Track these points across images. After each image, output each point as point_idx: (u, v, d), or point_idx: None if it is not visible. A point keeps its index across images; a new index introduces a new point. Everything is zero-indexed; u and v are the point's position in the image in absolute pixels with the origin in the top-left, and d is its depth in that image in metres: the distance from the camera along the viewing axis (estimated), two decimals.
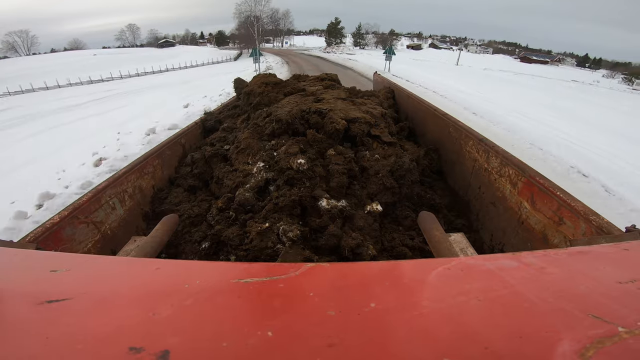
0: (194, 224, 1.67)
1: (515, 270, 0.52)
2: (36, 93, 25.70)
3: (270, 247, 1.29)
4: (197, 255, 1.46)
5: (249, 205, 1.52)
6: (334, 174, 1.58)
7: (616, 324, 0.36)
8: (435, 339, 0.38)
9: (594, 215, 1.05)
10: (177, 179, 2.15)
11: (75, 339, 0.39)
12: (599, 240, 0.96)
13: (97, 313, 0.46)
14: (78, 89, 25.67)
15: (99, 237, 1.42)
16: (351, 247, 1.29)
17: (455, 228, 1.70)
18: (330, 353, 0.35)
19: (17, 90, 26.26)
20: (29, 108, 16.54)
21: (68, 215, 1.26)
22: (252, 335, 0.38)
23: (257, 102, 2.70)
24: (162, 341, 0.37)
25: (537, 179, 1.30)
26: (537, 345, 0.36)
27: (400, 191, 1.67)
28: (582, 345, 0.34)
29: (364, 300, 0.45)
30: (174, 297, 0.49)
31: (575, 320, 0.39)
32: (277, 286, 0.50)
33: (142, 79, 30.66)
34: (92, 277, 0.59)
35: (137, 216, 1.75)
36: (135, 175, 1.79)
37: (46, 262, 0.66)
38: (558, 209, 1.19)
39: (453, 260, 0.57)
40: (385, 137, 1.91)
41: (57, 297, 0.47)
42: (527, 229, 1.36)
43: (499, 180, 1.58)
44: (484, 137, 1.80)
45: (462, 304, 0.43)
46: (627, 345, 0.34)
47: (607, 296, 0.45)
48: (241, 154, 1.98)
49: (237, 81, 3.63)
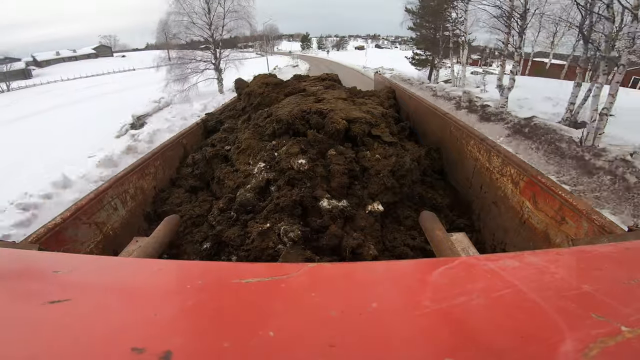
0: (195, 224, 1.67)
1: (517, 270, 0.51)
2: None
3: (271, 248, 1.29)
4: (199, 255, 1.46)
5: (250, 206, 1.52)
6: (335, 174, 1.58)
7: (619, 324, 0.36)
8: (437, 339, 0.38)
9: (596, 215, 1.04)
10: (179, 180, 2.16)
11: (78, 339, 0.39)
12: (601, 239, 0.96)
13: (100, 314, 0.46)
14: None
15: (101, 238, 1.43)
16: (352, 247, 1.29)
17: (457, 228, 1.70)
18: (331, 353, 0.35)
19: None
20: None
21: (70, 216, 1.26)
22: (253, 335, 0.38)
23: (257, 102, 2.70)
24: (164, 342, 0.37)
25: (539, 178, 1.30)
26: (539, 345, 0.36)
27: (402, 191, 1.67)
28: (585, 345, 0.33)
29: (366, 301, 0.45)
30: (175, 297, 0.50)
31: (578, 320, 0.39)
32: (278, 286, 0.50)
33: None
34: (95, 278, 0.60)
35: (138, 217, 1.75)
36: (136, 175, 1.79)
37: (48, 262, 0.66)
38: (560, 208, 1.18)
39: (455, 260, 0.57)
40: (386, 137, 1.91)
41: (59, 297, 0.47)
42: (529, 228, 1.35)
43: (501, 179, 1.57)
44: (486, 137, 1.80)
45: (463, 304, 0.43)
46: (630, 344, 0.34)
47: (609, 295, 0.45)
48: (242, 155, 1.98)
49: (238, 82, 3.64)
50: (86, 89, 27.44)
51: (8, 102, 23.40)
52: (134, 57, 61.04)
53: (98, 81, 35.62)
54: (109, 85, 28.50)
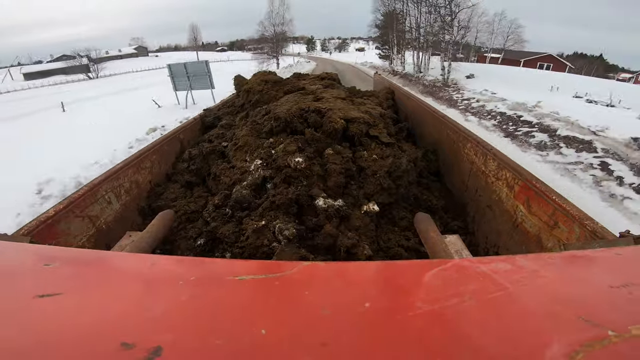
0: (190, 220, 1.67)
1: (509, 273, 0.52)
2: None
3: (266, 245, 1.29)
4: (193, 251, 1.46)
5: (246, 203, 1.52)
6: (332, 174, 1.58)
7: (606, 328, 0.37)
8: (428, 340, 0.38)
9: (589, 220, 1.06)
10: (174, 175, 2.14)
11: (67, 333, 0.39)
12: (592, 244, 0.97)
13: (90, 308, 0.45)
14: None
15: (94, 232, 1.41)
16: (347, 246, 1.30)
17: (451, 230, 1.71)
18: (323, 352, 0.36)
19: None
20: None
21: (63, 208, 1.25)
22: (245, 332, 0.38)
23: (256, 99, 2.69)
24: (154, 337, 0.37)
25: (534, 182, 1.31)
26: (527, 348, 0.36)
27: (397, 192, 1.68)
28: (572, 349, 0.34)
29: (359, 300, 0.45)
30: (168, 293, 0.49)
31: (566, 324, 0.39)
32: (272, 284, 0.50)
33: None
34: (86, 272, 0.59)
35: (133, 211, 1.74)
36: (132, 170, 1.77)
37: (40, 255, 0.66)
38: (553, 213, 1.20)
39: (448, 262, 0.57)
40: (383, 138, 1.91)
41: (49, 291, 0.46)
42: (522, 232, 1.37)
43: (496, 183, 1.59)
44: (482, 140, 1.81)
45: (455, 305, 0.43)
46: (616, 349, 0.34)
47: (598, 300, 0.45)
48: (239, 151, 1.97)
49: (237, 79, 3.62)
50: (148, 78, 34.08)
51: (101, 84, 31.99)
52: (166, 57, 68.76)
53: (152, 73, 42.69)
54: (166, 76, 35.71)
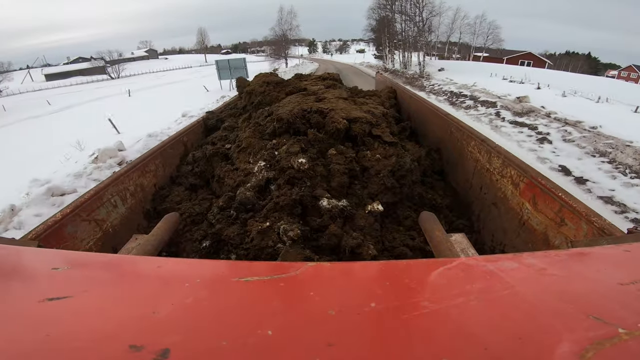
0: (194, 222, 1.67)
1: (515, 272, 0.51)
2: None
3: (270, 247, 1.29)
4: (198, 254, 1.46)
5: (250, 205, 1.52)
6: (335, 174, 1.58)
7: (616, 326, 0.36)
8: (435, 340, 0.38)
9: (596, 217, 1.04)
10: (179, 178, 2.16)
11: (76, 337, 0.39)
12: (600, 241, 0.96)
13: (98, 311, 0.46)
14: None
15: (101, 235, 1.43)
16: (352, 246, 1.29)
17: (457, 228, 1.70)
18: (330, 352, 0.35)
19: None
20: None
21: (70, 212, 1.26)
22: (252, 334, 0.39)
23: (258, 101, 2.70)
24: (162, 339, 0.37)
25: (539, 179, 1.30)
26: (536, 347, 0.36)
27: (401, 191, 1.67)
28: (582, 347, 0.34)
29: (364, 300, 0.45)
30: (174, 295, 0.50)
31: (575, 322, 0.39)
32: (277, 285, 0.50)
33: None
34: (93, 275, 0.60)
35: (138, 214, 1.76)
36: (137, 173, 1.79)
37: (48, 259, 0.66)
38: (560, 210, 1.18)
39: (454, 260, 0.57)
40: (386, 137, 1.90)
41: (58, 294, 0.47)
42: (529, 229, 1.35)
43: (501, 180, 1.57)
44: (486, 138, 1.79)
45: (462, 304, 0.43)
46: (626, 346, 0.34)
47: (607, 297, 0.45)
48: (242, 153, 1.98)
49: (239, 80, 3.64)
50: (170, 76, 39.34)
51: (126, 83, 34.73)
52: (175, 60, 75.12)
53: (167, 74, 48.09)
54: (184, 76, 40.97)
